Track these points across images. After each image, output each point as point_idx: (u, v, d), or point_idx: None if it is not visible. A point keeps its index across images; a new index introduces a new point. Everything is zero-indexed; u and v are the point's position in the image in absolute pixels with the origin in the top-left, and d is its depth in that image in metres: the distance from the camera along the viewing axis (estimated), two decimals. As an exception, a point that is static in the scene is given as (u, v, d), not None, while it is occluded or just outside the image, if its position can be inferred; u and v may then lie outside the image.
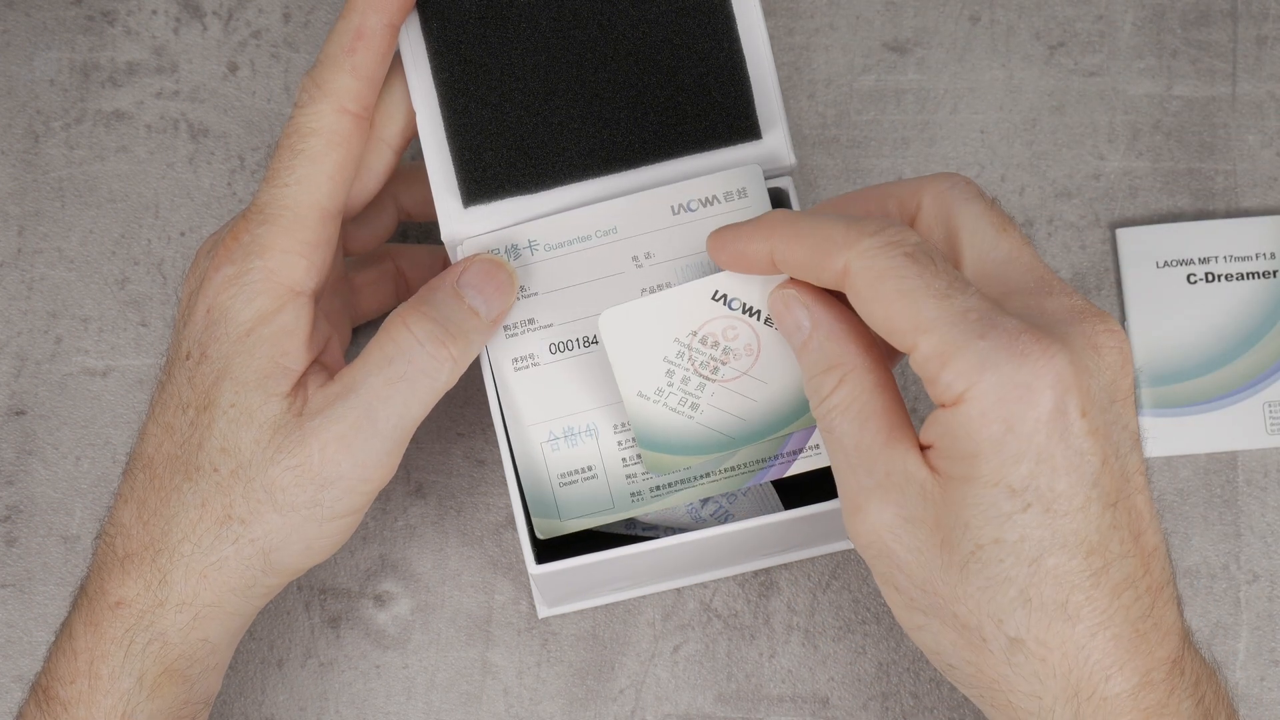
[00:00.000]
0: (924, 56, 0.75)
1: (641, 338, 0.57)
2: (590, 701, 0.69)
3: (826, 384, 0.53)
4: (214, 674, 0.60)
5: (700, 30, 0.61)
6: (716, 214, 0.59)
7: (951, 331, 0.50)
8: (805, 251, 0.53)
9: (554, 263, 0.60)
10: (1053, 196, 0.74)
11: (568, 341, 0.60)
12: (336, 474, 0.57)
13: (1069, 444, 0.50)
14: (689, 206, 0.59)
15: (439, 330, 0.58)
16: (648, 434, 0.58)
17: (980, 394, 0.49)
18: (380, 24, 0.59)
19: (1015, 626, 0.50)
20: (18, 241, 0.74)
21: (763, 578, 0.70)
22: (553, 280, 0.59)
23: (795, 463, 0.59)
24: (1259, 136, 0.74)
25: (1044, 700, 0.51)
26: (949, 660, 0.53)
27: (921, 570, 0.51)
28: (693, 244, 0.59)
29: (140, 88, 0.75)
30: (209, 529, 0.58)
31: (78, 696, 0.58)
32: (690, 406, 0.58)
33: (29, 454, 0.72)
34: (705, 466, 0.59)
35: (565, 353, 0.59)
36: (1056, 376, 0.49)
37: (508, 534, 0.70)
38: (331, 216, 0.59)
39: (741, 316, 0.57)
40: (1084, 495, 0.50)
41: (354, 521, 0.59)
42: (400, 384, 0.57)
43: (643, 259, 0.59)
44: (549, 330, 0.59)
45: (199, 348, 0.59)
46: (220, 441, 0.58)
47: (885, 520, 0.52)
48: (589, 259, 0.60)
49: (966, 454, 0.50)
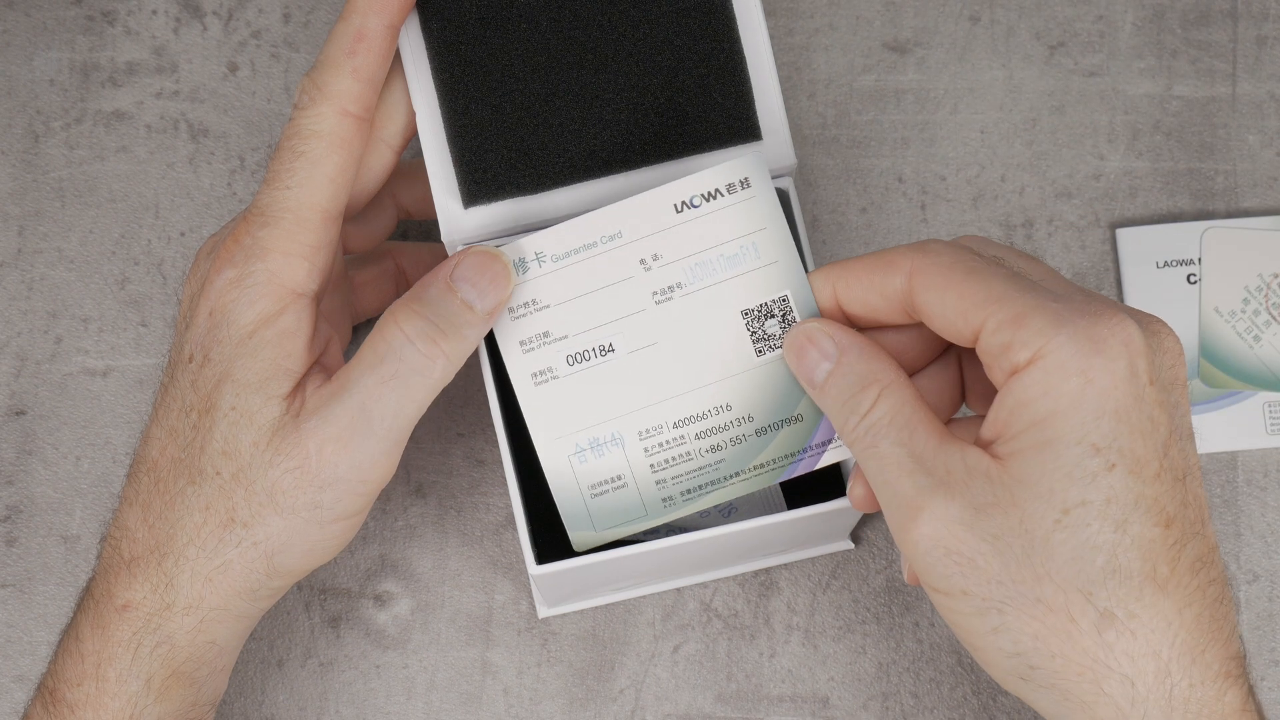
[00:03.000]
0: (924, 56, 0.75)
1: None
2: (590, 701, 0.69)
3: (864, 401, 0.53)
4: (220, 676, 0.61)
5: (700, 31, 0.61)
6: (721, 207, 0.59)
7: (1025, 297, 0.51)
8: (866, 269, 0.54)
9: (562, 273, 0.59)
10: (1053, 196, 0.74)
11: (584, 352, 0.59)
12: (334, 475, 0.57)
13: (1142, 408, 0.50)
14: (692, 203, 0.59)
15: (430, 328, 0.57)
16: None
17: (1057, 347, 0.50)
18: (381, 25, 0.58)
19: (1105, 598, 0.49)
20: (18, 241, 0.74)
21: (763, 578, 0.70)
22: (563, 291, 0.59)
23: (825, 454, 0.58)
24: (1259, 136, 0.74)
25: (1137, 686, 0.50)
26: (1031, 660, 0.51)
27: (999, 558, 0.50)
28: (701, 241, 0.59)
29: (140, 88, 0.75)
30: (213, 532, 0.58)
31: (85, 699, 0.58)
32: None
33: (29, 454, 0.72)
34: (735, 466, 0.59)
35: (583, 363, 0.59)
36: (1129, 337, 0.50)
37: (508, 534, 0.70)
38: (333, 219, 0.59)
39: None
40: (1159, 463, 0.50)
41: (355, 523, 0.59)
42: (393, 383, 0.57)
43: (651, 261, 0.59)
44: (564, 342, 0.59)
45: (201, 351, 0.58)
46: (221, 445, 0.58)
47: (953, 514, 0.51)
48: (597, 266, 0.59)
49: (1044, 416, 0.50)
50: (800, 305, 0.58)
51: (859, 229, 0.73)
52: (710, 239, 0.58)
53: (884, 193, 0.74)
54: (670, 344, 0.58)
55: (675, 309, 0.58)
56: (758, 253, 0.58)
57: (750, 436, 0.58)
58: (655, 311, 0.58)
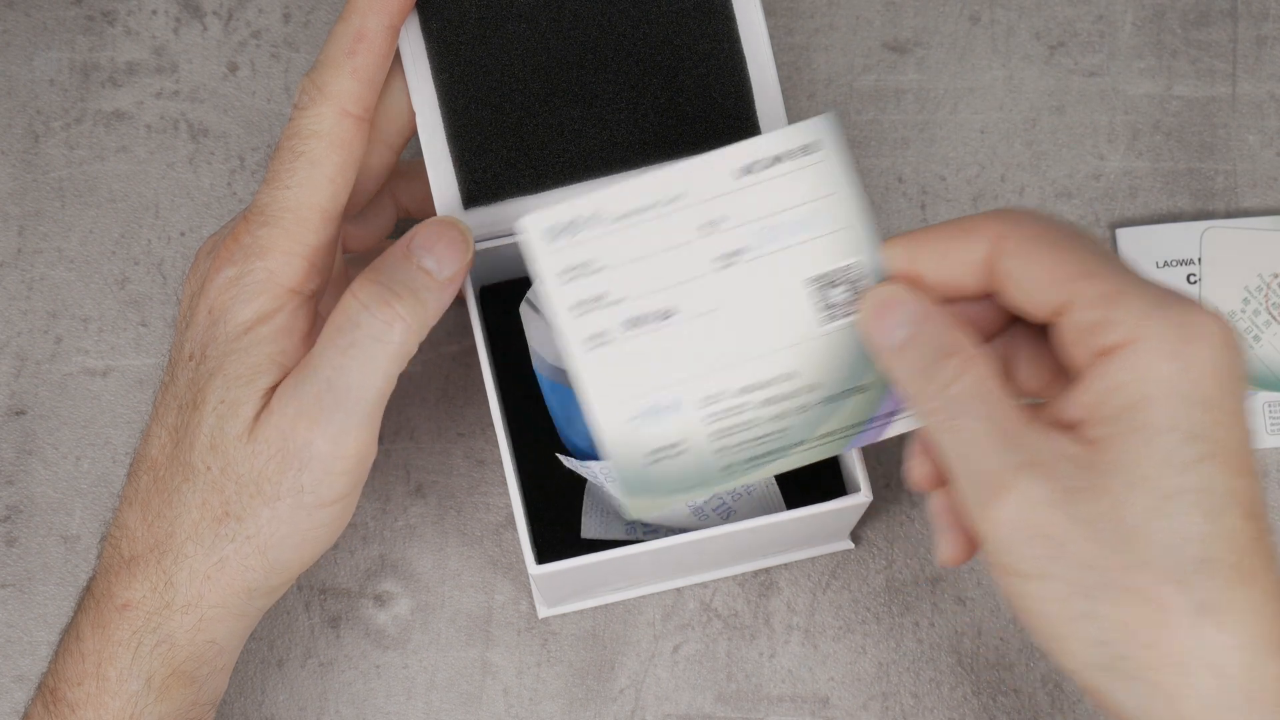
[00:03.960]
0: (924, 56, 0.75)
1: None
2: (590, 701, 0.69)
3: (946, 371, 0.52)
4: (221, 675, 0.61)
5: (701, 30, 0.61)
6: (789, 171, 0.56)
7: (1118, 276, 0.50)
8: (945, 236, 0.53)
9: (619, 235, 0.56)
10: (1053, 196, 0.74)
11: (642, 316, 0.56)
12: (310, 453, 0.57)
13: (1233, 401, 0.49)
14: (759, 166, 0.56)
15: (384, 292, 0.57)
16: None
17: (1155, 330, 0.49)
18: (381, 26, 0.58)
19: (1199, 588, 0.48)
20: (18, 241, 0.74)
21: (763, 578, 0.70)
22: (621, 253, 0.56)
23: (892, 425, 0.57)
24: (1259, 136, 0.74)
25: (1225, 678, 0.48)
26: (1119, 650, 0.49)
27: (1091, 542, 0.49)
28: (763, 206, 0.56)
29: (140, 88, 0.75)
30: (209, 528, 0.58)
31: (85, 698, 0.58)
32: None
33: (29, 454, 0.72)
34: (800, 434, 0.57)
35: (641, 327, 0.56)
36: (1221, 329, 0.49)
37: (508, 534, 0.70)
38: (333, 219, 0.59)
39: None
40: (1245, 456, 0.49)
41: (344, 509, 0.59)
42: (352, 351, 0.57)
43: (711, 225, 0.56)
44: (621, 306, 0.56)
45: (200, 349, 0.59)
46: (209, 440, 0.58)
47: (1042, 495, 0.49)
48: (655, 229, 0.56)
49: (1137, 400, 0.49)
50: (872, 272, 0.56)
51: (859, 229, 0.74)
52: (777, 203, 0.56)
53: (884, 193, 0.74)
54: (732, 309, 0.56)
55: (738, 274, 0.56)
56: (827, 218, 0.56)
57: (816, 405, 0.56)
58: (718, 276, 0.56)
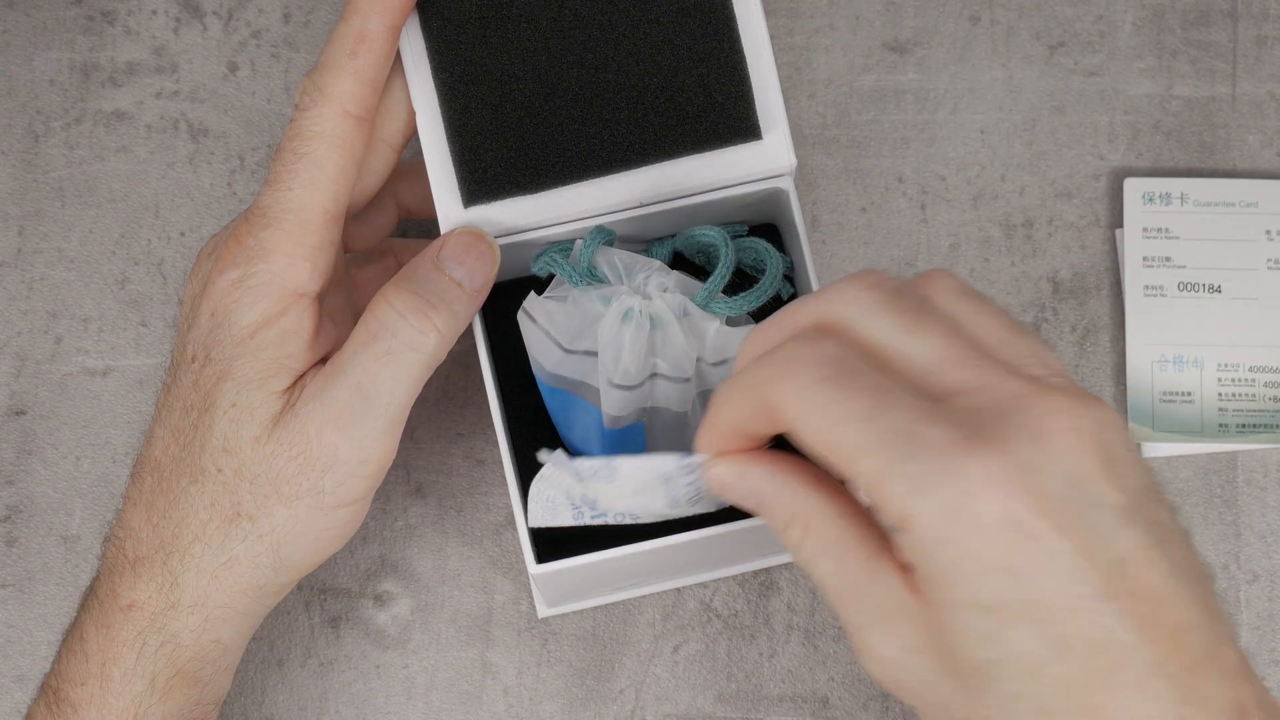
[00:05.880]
0: (924, 56, 0.75)
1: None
2: (590, 701, 0.69)
3: (792, 536, 0.51)
4: (225, 675, 0.61)
5: (700, 30, 0.61)
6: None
7: (879, 458, 0.47)
8: (735, 415, 0.51)
9: (1200, 217, 0.71)
10: (1053, 196, 0.74)
11: (1195, 284, 0.70)
12: (335, 456, 0.58)
13: (1036, 547, 0.46)
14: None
15: (420, 302, 0.58)
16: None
17: (921, 521, 0.46)
18: (382, 26, 0.58)
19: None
20: (18, 241, 0.74)
21: (763, 578, 0.70)
22: (1195, 230, 0.71)
23: None
24: (1259, 136, 0.74)
25: None
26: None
27: (938, 697, 0.48)
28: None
29: (140, 88, 0.75)
30: (219, 528, 0.58)
31: (88, 698, 0.58)
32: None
33: (29, 454, 0.72)
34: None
35: (1191, 293, 0.70)
36: (994, 485, 0.46)
37: (508, 534, 0.70)
38: (335, 219, 0.59)
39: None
40: (1071, 595, 0.46)
41: (358, 511, 0.59)
42: (388, 359, 0.57)
43: (1275, 234, 0.71)
44: (1181, 271, 0.70)
45: (203, 350, 0.59)
46: (221, 442, 0.58)
47: (890, 655, 0.49)
48: (1230, 221, 0.71)
49: (932, 577, 0.47)
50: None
51: (859, 229, 0.73)
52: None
53: (884, 193, 0.74)
54: (1271, 303, 0.70)
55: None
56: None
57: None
58: (1266, 274, 0.70)
